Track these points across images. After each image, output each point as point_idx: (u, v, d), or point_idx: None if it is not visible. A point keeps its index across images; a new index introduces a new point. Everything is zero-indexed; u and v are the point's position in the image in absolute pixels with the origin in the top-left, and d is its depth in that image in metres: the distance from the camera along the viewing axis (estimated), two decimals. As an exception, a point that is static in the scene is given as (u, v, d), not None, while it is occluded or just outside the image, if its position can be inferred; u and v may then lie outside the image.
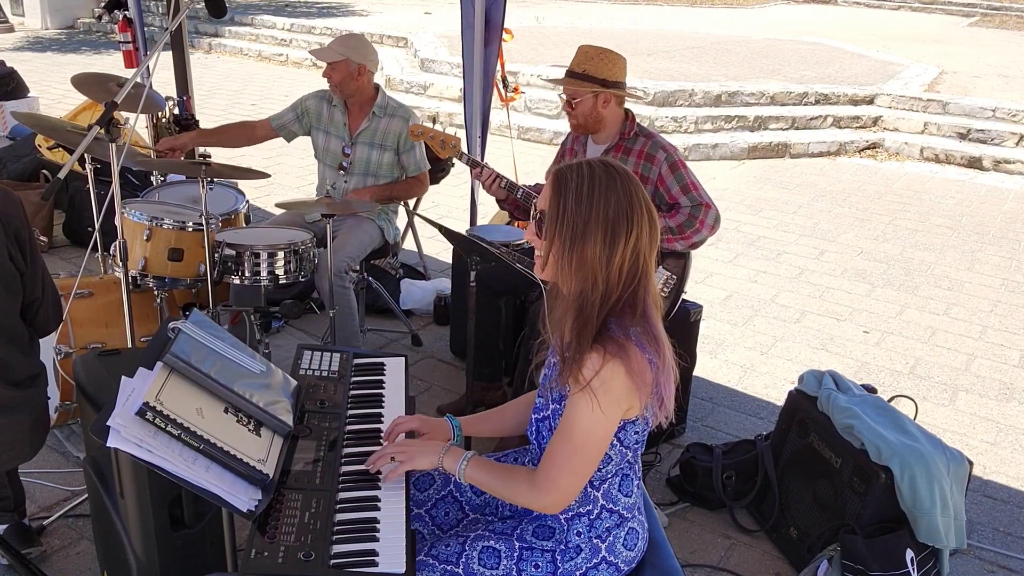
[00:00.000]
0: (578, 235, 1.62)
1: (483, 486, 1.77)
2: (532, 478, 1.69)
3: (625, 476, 1.79)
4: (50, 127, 3.60)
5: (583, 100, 3.03)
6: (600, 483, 1.75)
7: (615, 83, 3.02)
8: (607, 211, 1.61)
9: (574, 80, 3.03)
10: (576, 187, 1.63)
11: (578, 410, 1.62)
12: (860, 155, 8.60)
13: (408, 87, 9.97)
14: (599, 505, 1.76)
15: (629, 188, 1.64)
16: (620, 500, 1.78)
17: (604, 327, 1.63)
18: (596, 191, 1.62)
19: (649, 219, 1.65)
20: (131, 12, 5.46)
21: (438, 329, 4.38)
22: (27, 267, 2.19)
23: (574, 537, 1.76)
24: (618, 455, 1.73)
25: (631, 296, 1.65)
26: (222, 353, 1.79)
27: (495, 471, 1.75)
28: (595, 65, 3.01)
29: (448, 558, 1.73)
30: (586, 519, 1.76)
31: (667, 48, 11.88)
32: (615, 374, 1.59)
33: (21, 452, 2.26)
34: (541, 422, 1.78)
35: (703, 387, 3.90)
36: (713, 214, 3.01)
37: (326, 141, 3.94)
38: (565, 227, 1.63)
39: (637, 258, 1.64)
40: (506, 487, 1.73)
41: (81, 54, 12.58)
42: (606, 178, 1.64)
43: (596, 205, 1.62)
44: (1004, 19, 18.16)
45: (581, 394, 1.60)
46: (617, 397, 1.62)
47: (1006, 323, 4.77)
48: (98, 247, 3.45)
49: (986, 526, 3.05)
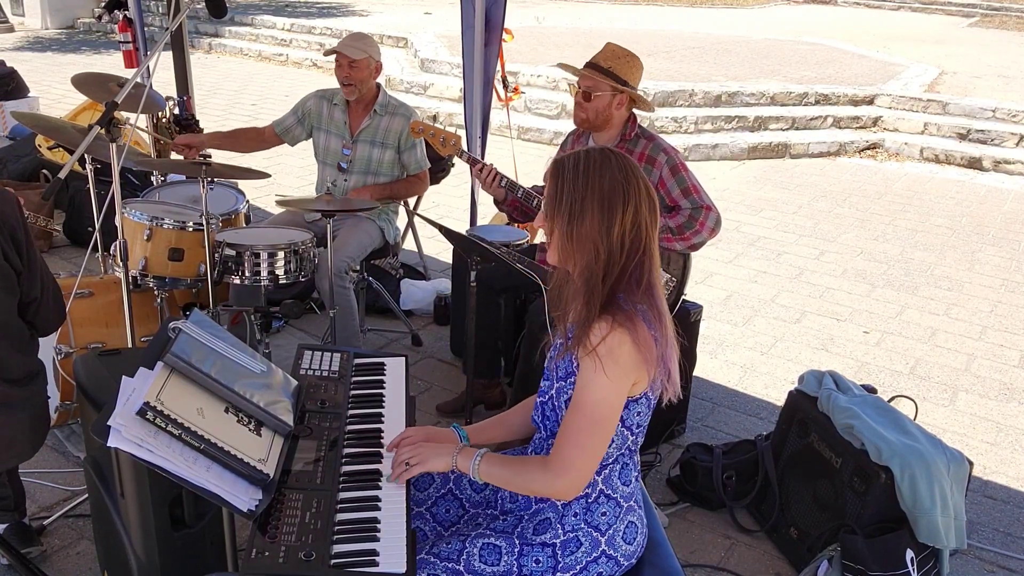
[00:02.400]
0: (576, 211, 1.69)
1: (498, 481, 1.79)
2: (545, 463, 1.72)
3: (625, 465, 1.82)
4: (50, 127, 3.60)
5: (602, 96, 3.00)
6: (601, 468, 1.78)
7: (633, 87, 3.03)
8: (602, 186, 1.68)
9: (598, 73, 3.01)
10: (572, 169, 1.72)
11: (587, 380, 1.67)
12: (860, 155, 8.60)
13: (408, 87, 9.97)
14: (598, 489, 1.79)
15: (624, 165, 1.71)
16: (619, 488, 1.81)
17: (612, 299, 1.68)
18: (591, 169, 1.70)
19: (648, 195, 1.72)
20: (131, 12, 5.45)
21: (438, 329, 4.38)
22: (24, 266, 2.18)
23: (571, 519, 1.78)
24: (619, 437, 1.76)
25: (636, 269, 1.70)
26: (223, 353, 1.79)
27: (508, 464, 1.79)
28: (620, 65, 3.01)
29: (449, 556, 1.74)
30: (583, 501, 1.79)
31: (667, 48, 11.88)
32: (621, 343, 1.64)
33: (21, 451, 2.26)
34: (545, 403, 1.83)
35: (703, 387, 3.90)
36: (714, 217, 3.01)
37: (327, 140, 3.94)
38: (563, 206, 1.70)
39: (639, 230, 1.70)
40: (520, 477, 1.76)
41: (81, 54, 12.58)
42: (600, 158, 1.72)
43: (591, 182, 1.69)
44: (1004, 20, 18.16)
45: (589, 361, 1.65)
46: (624, 367, 1.66)
47: (1006, 323, 4.77)
48: (98, 247, 3.45)
49: (986, 526, 3.05)
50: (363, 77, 3.77)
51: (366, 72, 3.77)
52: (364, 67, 3.75)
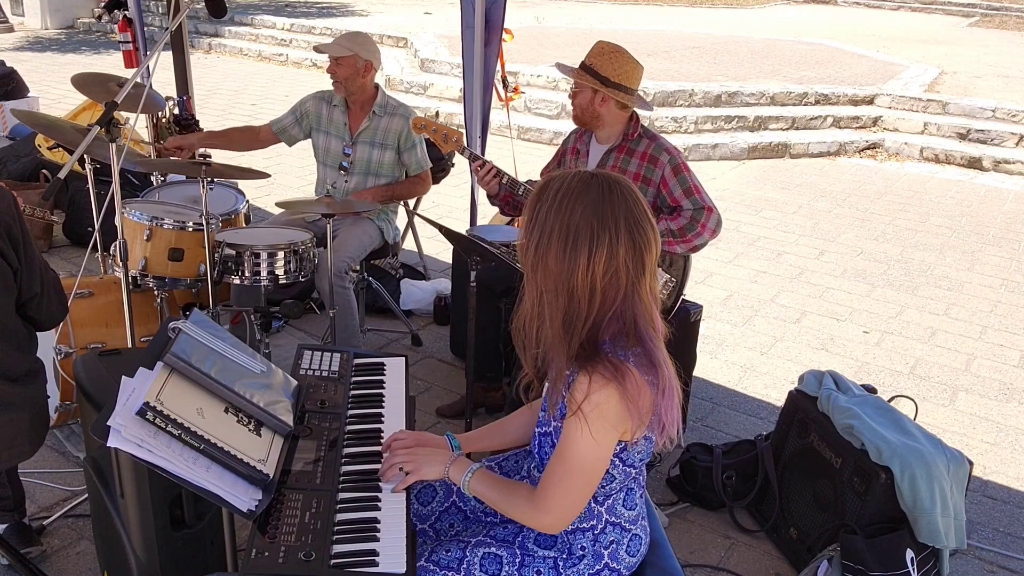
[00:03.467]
0: (543, 242, 1.57)
1: (486, 500, 1.76)
2: (532, 497, 1.67)
3: (629, 491, 1.78)
4: (50, 127, 3.59)
5: (581, 92, 3.04)
6: (604, 499, 1.74)
7: (616, 84, 2.99)
8: (570, 220, 1.54)
9: (578, 72, 3.04)
10: (553, 194, 1.59)
11: (571, 434, 1.59)
12: (860, 155, 8.60)
13: (408, 87, 9.97)
14: (603, 520, 1.75)
15: (601, 199, 1.55)
16: (623, 514, 1.77)
17: (597, 349, 1.57)
18: (565, 199, 1.56)
19: (630, 235, 1.54)
20: (131, 12, 5.45)
21: (438, 329, 4.38)
22: (21, 263, 2.18)
23: (578, 550, 1.76)
24: (621, 474, 1.71)
25: (616, 317, 1.57)
26: (222, 353, 1.79)
27: (497, 485, 1.74)
28: (601, 62, 3.00)
29: (449, 564, 1.73)
30: (590, 534, 1.75)
31: (667, 48, 11.88)
32: (607, 398, 1.54)
33: (20, 450, 2.25)
34: (543, 436, 1.75)
35: (703, 387, 3.90)
36: (715, 218, 3.01)
37: (326, 141, 3.94)
38: (534, 232, 1.59)
39: (615, 277, 1.54)
40: (507, 502, 1.71)
41: (81, 54, 12.58)
42: (581, 188, 1.56)
43: (562, 212, 1.55)
44: (1004, 20, 18.16)
45: (574, 418, 1.56)
46: (611, 422, 1.57)
47: (1006, 323, 4.77)
48: (98, 247, 3.44)
49: (986, 526, 3.05)
50: (348, 75, 3.73)
51: (351, 70, 3.73)
52: (349, 65, 3.72)
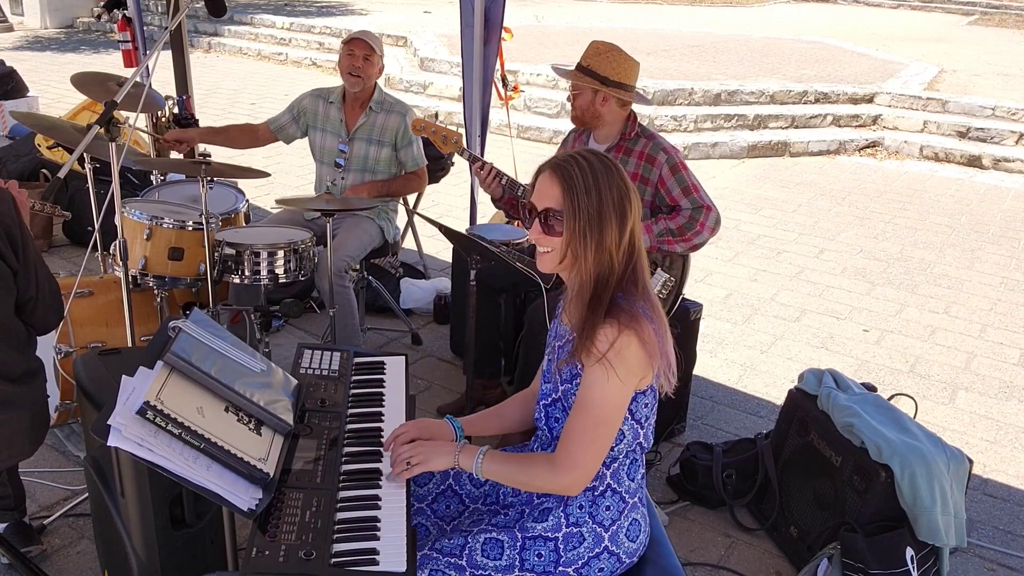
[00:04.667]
0: (594, 224, 1.70)
1: (502, 478, 1.80)
2: (551, 460, 1.74)
3: (634, 460, 1.84)
4: (50, 126, 3.60)
5: (582, 94, 3.04)
6: (611, 462, 1.80)
7: (616, 83, 2.99)
8: (613, 196, 1.71)
9: (576, 74, 3.04)
10: (583, 180, 1.71)
11: (595, 382, 1.68)
12: (860, 154, 8.60)
13: (408, 86, 9.97)
14: (605, 483, 1.81)
15: (621, 171, 1.76)
16: (625, 483, 1.83)
17: (613, 302, 1.71)
18: (600, 180, 1.72)
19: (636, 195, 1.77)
20: (130, 11, 5.44)
21: (438, 328, 4.38)
22: (19, 265, 2.17)
23: (575, 510, 1.79)
24: (631, 431, 1.78)
25: (632, 271, 1.75)
26: (222, 352, 1.79)
27: (512, 461, 1.80)
28: (599, 62, 3.00)
29: (452, 551, 1.75)
30: (589, 494, 1.80)
31: (667, 47, 11.88)
32: (629, 344, 1.67)
33: (20, 449, 2.25)
34: (550, 406, 1.83)
35: (703, 386, 3.90)
36: (714, 216, 3.01)
37: (323, 139, 3.94)
38: (582, 219, 1.70)
39: (634, 234, 1.75)
40: (525, 474, 1.77)
41: (80, 53, 12.58)
42: (602, 166, 1.73)
43: (604, 192, 1.71)
44: (1003, 18, 18.16)
45: (597, 366, 1.67)
46: (632, 367, 1.68)
47: (1006, 321, 4.77)
48: (98, 246, 3.45)
49: (986, 524, 3.05)
50: (372, 72, 3.83)
51: (376, 68, 3.84)
52: (376, 63, 3.83)
